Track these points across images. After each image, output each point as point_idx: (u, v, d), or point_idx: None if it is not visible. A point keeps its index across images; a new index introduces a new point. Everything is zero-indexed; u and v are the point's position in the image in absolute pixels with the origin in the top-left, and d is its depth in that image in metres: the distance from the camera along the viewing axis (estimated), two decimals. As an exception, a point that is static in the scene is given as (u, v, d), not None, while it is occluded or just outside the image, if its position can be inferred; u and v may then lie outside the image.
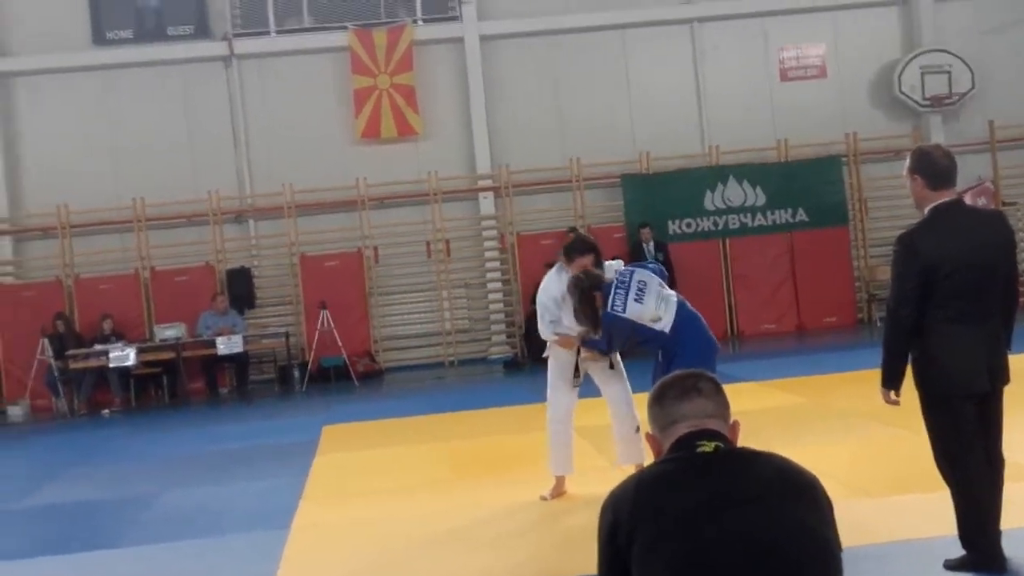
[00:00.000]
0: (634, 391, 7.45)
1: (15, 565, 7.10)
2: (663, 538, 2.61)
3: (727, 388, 2.96)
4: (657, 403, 2.91)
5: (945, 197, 5.14)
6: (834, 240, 18.20)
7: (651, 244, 17.34)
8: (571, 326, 7.37)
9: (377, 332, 18.03)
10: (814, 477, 2.77)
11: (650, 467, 2.83)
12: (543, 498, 7.50)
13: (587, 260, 7.35)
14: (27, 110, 18.04)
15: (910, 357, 5.17)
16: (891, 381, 5.18)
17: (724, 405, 2.89)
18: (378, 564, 6.41)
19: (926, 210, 5.16)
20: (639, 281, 7.02)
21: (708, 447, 2.75)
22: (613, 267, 7.31)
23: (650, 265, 7.48)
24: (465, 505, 7.60)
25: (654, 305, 6.91)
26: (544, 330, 7.53)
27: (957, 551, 5.16)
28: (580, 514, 6.99)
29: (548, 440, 7.64)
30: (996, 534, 5.10)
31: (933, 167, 5.14)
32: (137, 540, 7.53)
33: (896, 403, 5.22)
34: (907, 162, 5.25)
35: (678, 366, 6.66)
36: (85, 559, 7.11)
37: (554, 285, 7.50)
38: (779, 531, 2.60)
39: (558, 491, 7.56)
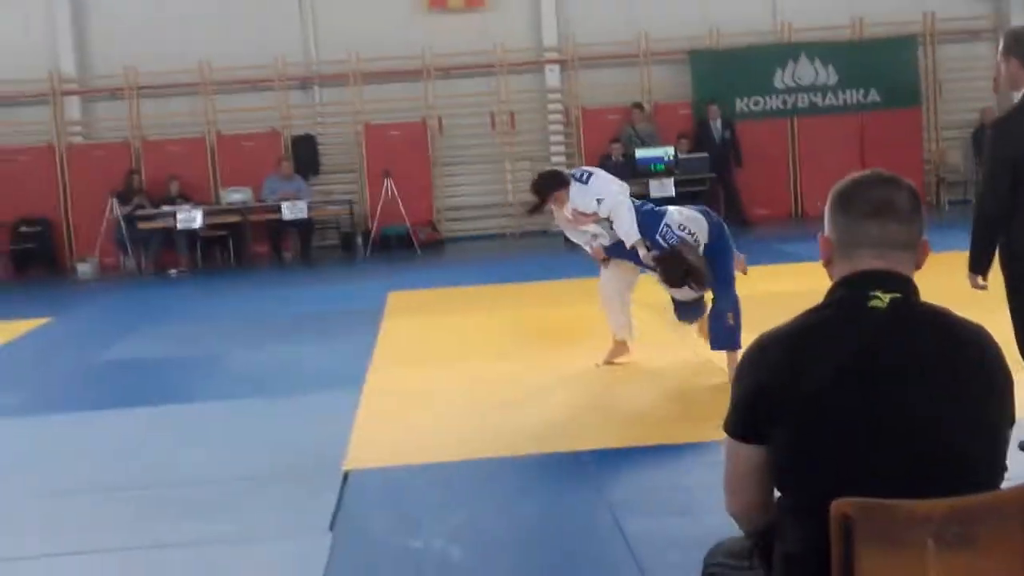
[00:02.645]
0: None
1: (97, 415, 7.34)
2: (814, 408, 2.31)
3: (789, 267, 2.78)
4: (842, 209, 2.49)
5: (1043, 79, 5.03)
6: (905, 122, 17.82)
7: (718, 122, 17.13)
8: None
9: (440, 202, 18.09)
10: (994, 344, 2.42)
11: (809, 315, 2.43)
12: (597, 365, 7.63)
13: (562, 193, 7.81)
14: (95, -30, 17.94)
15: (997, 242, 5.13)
16: (979, 267, 5.15)
17: (917, 231, 2.45)
18: (450, 427, 6.53)
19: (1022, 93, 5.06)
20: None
21: (882, 301, 2.36)
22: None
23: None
24: (530, 370, 7.78)
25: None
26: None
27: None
28: (638, 384, 7.24)
29: None
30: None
31: (1030, 48, 5.02)
32: (211, 396, 7.73)
33: (984, 287, 5.20)
34: (1000, 44, 5.15)
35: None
36: (161, 412, 7.31)
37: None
38: (942, 410, 2.29)
39: (615, 354, 7.66)
